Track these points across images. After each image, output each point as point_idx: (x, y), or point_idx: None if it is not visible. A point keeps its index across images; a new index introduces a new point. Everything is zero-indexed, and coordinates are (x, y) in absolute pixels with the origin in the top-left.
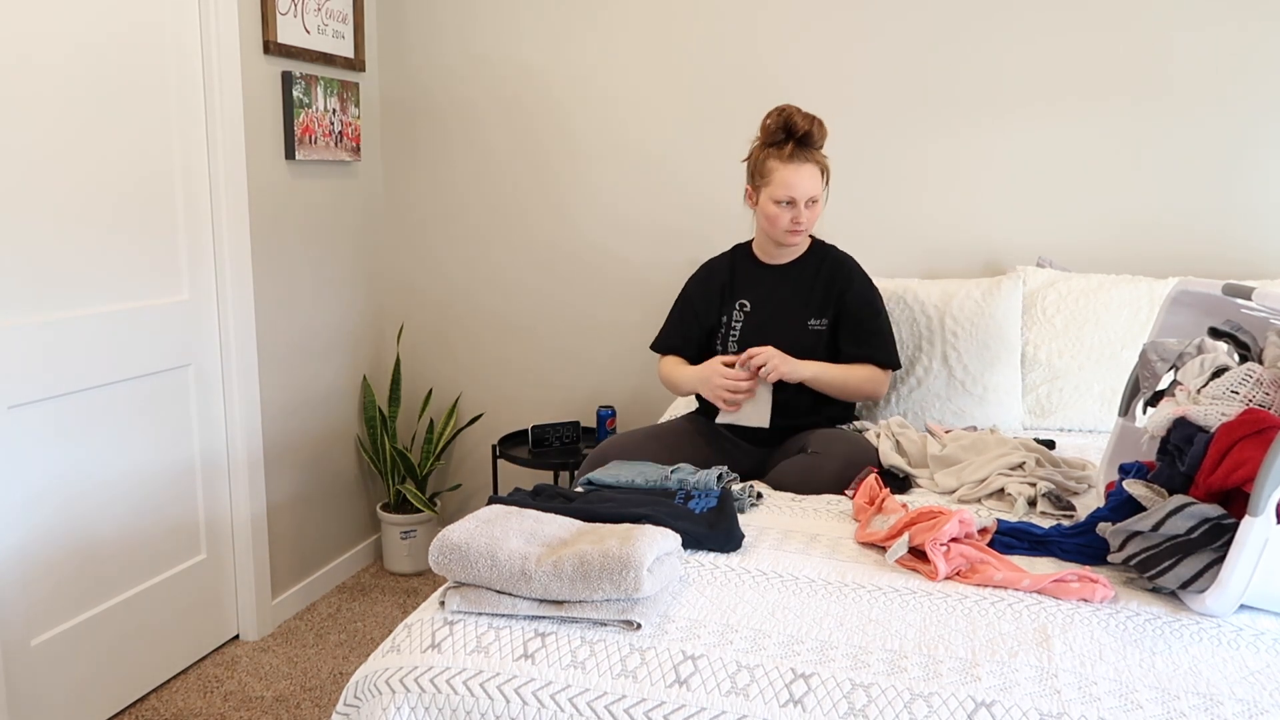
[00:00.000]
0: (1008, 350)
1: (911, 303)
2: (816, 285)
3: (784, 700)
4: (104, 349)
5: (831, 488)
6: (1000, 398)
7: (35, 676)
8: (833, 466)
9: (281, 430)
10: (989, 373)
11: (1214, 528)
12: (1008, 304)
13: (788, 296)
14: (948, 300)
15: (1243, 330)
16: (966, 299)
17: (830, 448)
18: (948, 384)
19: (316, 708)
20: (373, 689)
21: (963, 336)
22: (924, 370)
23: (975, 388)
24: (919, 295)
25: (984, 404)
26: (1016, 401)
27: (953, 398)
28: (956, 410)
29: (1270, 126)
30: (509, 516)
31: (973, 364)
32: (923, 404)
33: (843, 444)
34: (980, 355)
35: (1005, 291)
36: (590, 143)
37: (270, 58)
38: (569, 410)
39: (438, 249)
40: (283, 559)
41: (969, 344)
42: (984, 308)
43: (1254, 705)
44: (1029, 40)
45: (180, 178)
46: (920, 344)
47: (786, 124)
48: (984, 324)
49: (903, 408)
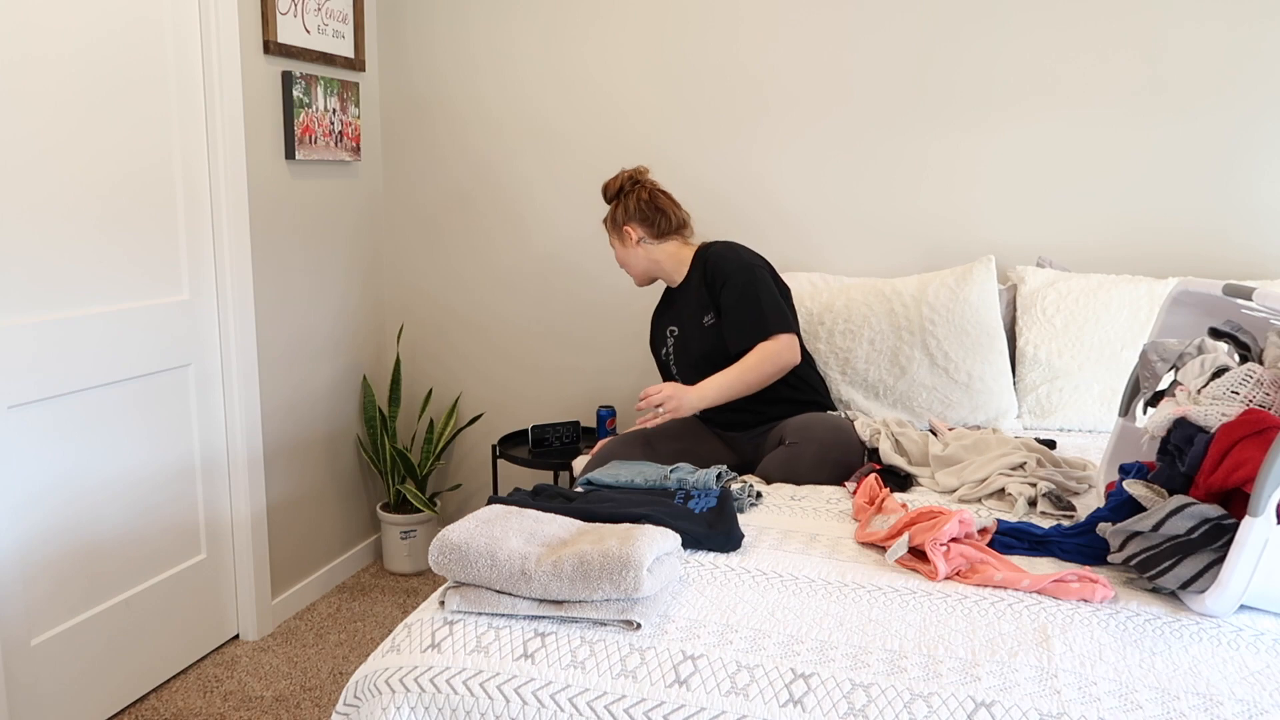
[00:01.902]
0: (987, 335)
1: (890, 295)
2: (701, 289)
3: (784, 700)
4: (104, 349)
5: (816, 474)
6: (987, 384)
7: (35, 676)
8: (810, 451)
9: (281, 430)
10: (971, 358)
11: (1214, 528)
12: (981, 288)
13: (691, 309)
14: (923, 290)
15: (1243, 330)
16: (941, 287)
17: (806, 434)
18: (931, 372)
19: (316, 708)
20: (372, 689)
21: (940, 324)
22: (907, 360)
23: (959, 374)
24: (897, 289)
25: (970, 391)
26: (1005, 389)
27: (938, 386)
28: (944, 398)
29: (1270, 126)
30: (509, 516)
31: (953, 350)
32: (910, 394)
33: (818, 428)
34: (960, 341)
35: (977, 276)
36: (590, 142)
37: (270, 57)
38: (569, 410)
39: (438, 249)
40: (283, 559)
41: (946, 330)
42: (958, 293)
43: (1254, 705)
44: (1029, 39)
45: (180, 177)
46: (901, 335)
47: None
48: (959, 309)
49: (892, 399)
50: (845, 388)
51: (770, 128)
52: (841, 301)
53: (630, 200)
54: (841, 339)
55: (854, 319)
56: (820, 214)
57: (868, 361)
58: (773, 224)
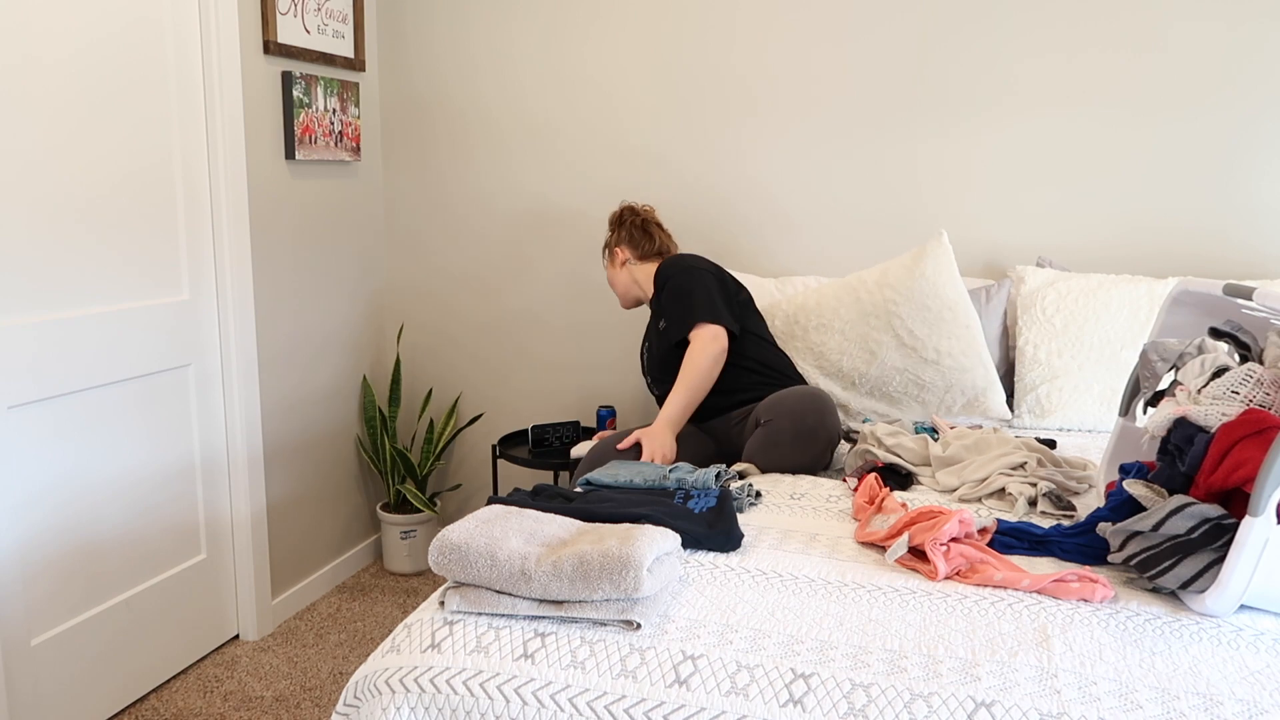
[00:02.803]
0: (949, 309)
1: (856, 285)
2: (656, 299)
3: (784, 700)
4: (104, 349)
5: (797, 446)
6: (958, 360)
7: (35, 676)
8: (786, 425)
9: (281, 430)
10: (936, 335)
11: (1214, 528)
12: (936, 263)
13: (654, 319)
14: (884, 274)
15: (1243, 330)
16: (898, 267)
17: (778, 408)
18: (900, 352)
19: (316, 708)
20: (372, 689)
21: (901, 303)
22: (876, 344)
23: (927, 351)
24: (862, 278)
25: (941, 368)
26: (979, 364)
27: (909, 366)
28: (916, 379)
29: (1270, 126)
30: (509, 516)
31: (917, 328)
32: (884, 379)
33: (789, 399)
34: (922, 318)
35: (931, 252)
36: (590, 142)
37: (270, 57)
38: (569, 410)
39: (438, 249)
40: (283, 559)
41: (909, 309)
42: (914, 270)
43: (1254, 705)
44: (1028, 39)
45: (180, 177)
46: (868, 320)
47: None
48: (918, 286)
49: (867, 387)
50: (823, 381)
51: (769, 128)
52: (814, 300)
53: (625, 227)
54: (816, 334)
55: (825, 313)
56: (819, 214)
57: (840, 352)
58: (770, 224)
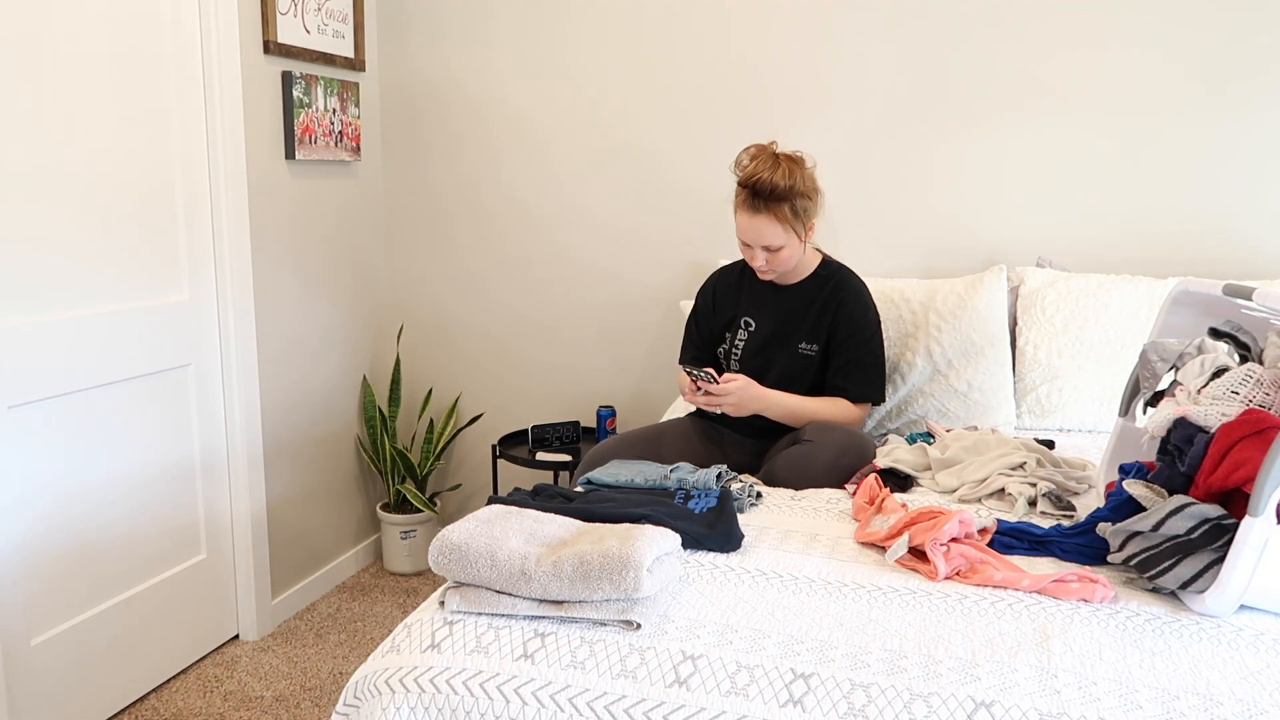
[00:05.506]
0: (991, 346)
1: (899, 301)
2: (813, 310)
3: (784, 700)
4: (104, 349)
5: (825, 477)
6: (986, 396)
7: (35, 676)
8: (827, 455)
9: (281, 430)
10: (971, 367)
11: (1214, 528)
12: (990, 296)
13: (787, 318)
14: (932, 295)
15: (1243, 330)
16: (950, 293)
17: (825, 437)
18: (931, 378)
19: (316, 708)
20: (372, 689)
21: (945, 330)
22: (907, 366)
23: (959, 383)
24: (905, 294)
25: (968, 401)
26: (1005, 401)
27: (936, 393)
28: (940, 407)
29: (1270, 126)
30: (509, 516)
31: (955, 357)
32: (906, 400)
33: (838, 433)
34: (963, 348)
35: (988, 284)
36: (590, 142)
37: (270, 57)
38: (569, 410)
39: (438, 249)
40: (282, 559)
41: (952, 337)
42: (965, 300)
43: (1254, 705)
44: (1029, 41)
45: (180, 177)
46: (905, 340)
47: (748, 180)
48: (965, 315)
49: (888, 405)
50: None
51: (772, 129)
52: None
53: (816, 196)
54: None
55: None
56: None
57: None
58: None
